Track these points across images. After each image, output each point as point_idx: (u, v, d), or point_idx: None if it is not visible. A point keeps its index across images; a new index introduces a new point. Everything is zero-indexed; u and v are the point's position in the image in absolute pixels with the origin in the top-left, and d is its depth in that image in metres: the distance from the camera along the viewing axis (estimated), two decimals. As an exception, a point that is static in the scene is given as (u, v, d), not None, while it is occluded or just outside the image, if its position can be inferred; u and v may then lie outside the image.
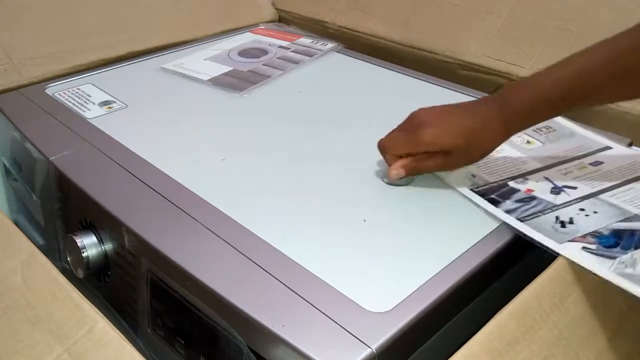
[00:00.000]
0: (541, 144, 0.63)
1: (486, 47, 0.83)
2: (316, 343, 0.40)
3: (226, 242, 0.49)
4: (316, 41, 0.94)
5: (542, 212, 0.51)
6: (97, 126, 0.67)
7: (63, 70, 0.81)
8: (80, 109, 0.71)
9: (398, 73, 0.83)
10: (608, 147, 0.62)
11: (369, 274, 0.46)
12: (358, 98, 0.76)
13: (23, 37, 0.80)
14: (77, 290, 0.43)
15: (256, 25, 1.02)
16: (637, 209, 0.51)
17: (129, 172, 0.58)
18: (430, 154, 0.55)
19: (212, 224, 0.51)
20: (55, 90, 0.76)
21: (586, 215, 0.50)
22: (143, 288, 0.51)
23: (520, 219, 0.50)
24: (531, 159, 0.60)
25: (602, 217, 0.50)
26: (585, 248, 0.46)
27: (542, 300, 0.43)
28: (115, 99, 0.74)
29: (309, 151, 0.64)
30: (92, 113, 0.70)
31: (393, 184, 0.57)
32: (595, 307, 0.46)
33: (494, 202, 0.53)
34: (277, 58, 0.88)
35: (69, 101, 0.73)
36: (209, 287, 0.44)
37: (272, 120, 0.70)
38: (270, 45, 0.93)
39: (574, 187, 0.54)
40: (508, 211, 0.51)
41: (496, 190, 0.55)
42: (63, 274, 0.45)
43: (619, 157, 0.60)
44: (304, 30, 1.01)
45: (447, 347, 0.41)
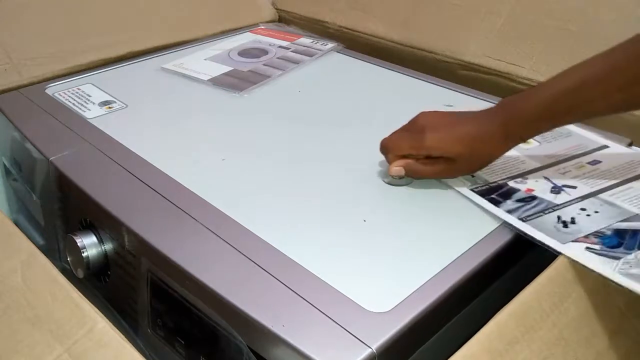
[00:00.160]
0: (538, 143, 0.63)
1: (486, 47, 0.83)
2: (316, 343, 0.40)
3: (226, 242, 0.49)
4: (316, 41, 0.94)
5: (543, 211, 0.51)
6: (97, 126, 0.67)
7: (63, 70, 0.81)
8: (80, 109, 0.71)
9: (398, 73, 0.83)
10: (605, 146, 0.62)
11: (369, 274, 0.46)
12: (358, 98, 0.76)
13: (23, 37, 0.80)
14: (77, 290, 0.43)
15: (256, 25, 1.03)
16: (637, 209, 0.51)
17: (129, 172, 0.58)
18: (432, 160, 0.55)
19: (212, 224, 0.51)
20: (55, 90, 0.76)
21: (587, 215, 0.50)
22: (143, 288, 0.51)
23: (522, 219, 0.50)
24: (529, 158, 0.60)
25: (603, 216, 0.50)
26: (588, 248, 0.46)
27: (542, 300, 0.43)
28: (115, 99, 0.74)
29: (309, 151, 0.64)
30: (92, 113, 0.70)
31: (393, 184, 0.57)
32: (595, 307, 0.46)
33: (495, 202, 0.53)
34: (277, 58, 0.88)
35: (69, 101, 0.73)
36: (209, 287, 0.44)
37: (272, 120, 0.70)
38: (270, 45, 0.93)
39: (573, 187, 0.55)
40: (509, 211, 0.52)
41: (496, 190, 0.55)
42: (63, 274, 0.45)
43: (616, 156, 0.60)
44: (304, 30, 1.01)
45: (447, 347, 0.41)
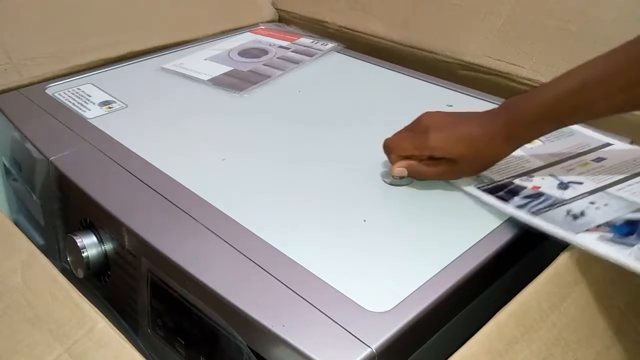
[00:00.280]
0: (541, 142, 0.63)
1: (486, 47, 0.83)
2: (316, 343, 0.40)
3: (226, 242, 0.49)
4: (316, 41, 0.94)
5: (552, 206, 0.51)
6: (97, 126, 0.67)
7: (63, 70, 0.81)
8: (80, 109, 0.71)
9: (398, 73, 0.83)
10: (608, 144, 0.62)
11: (369, 274, 0.46)
12: (358, 98, 0.76)
13: (23, 37, 0.80)
14: (77, 290, 0.43)
15: (256, 25, 1.03)
16: None
17: (129, 172, 0.58)
18: (435, 161, 0.55)
19: (212, 224, 0.51)
20: (55, 90, 0.76)
21: (597, 208, 0.51)
22: (143, 288, 0.51)
23: (532, 213, 0.50)
24: (534, 157, 0.60)
25: (613, 209, 0.50)
26: (601, 238, 0.46)
27: (542, 300, 0.43)
28: (115, 99, 0.74)
29: (309, 151, 0.64)
30: (92, 113, 0.70)
31: (394, 184, 0.57)
32: (595, 307, 0.46)
33: (502, 200, 0.53)
34: (277, 58, 0.88)
35: (69, 101, 0.73)
36: (209, 287, 0.44)
37: (272, 120, 0.70)
38: (270, 45, 0.93)
39: (580, 183, 0.55)
40: (518, 207, 0.52)
41: (502, 188, 0.55)
42: (63, 274, 0.45)
43: (621, 153, 0.60)
44: (304, 30, 1.01)
45: (447, 347, 0.41)
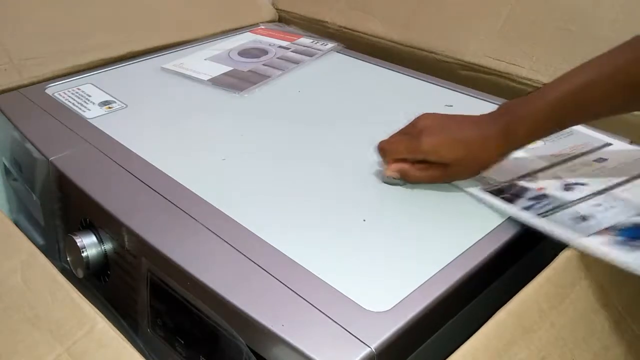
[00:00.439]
0: (543, 143, 0.63)
1: (486, 47, 0.83)
2: (316, 343, 0.40)
3: (226, 242, 0.49)
4: (316, 41, 0.94)
5: (558, 208, 0.51)
6: (97, 126, 0.67)
7: (63, 70, 0.81)
8: (80, 109, 0.71)
9: (398, 73, 0.83)
10: (609, 144, 0.62)
11: (369, 274, 0.46)
12: (358, 98, 0.76)
13: (23, 37, 0.80)
14: (77, 290, 0.43)
15: (256, 25, 1.03)
16: None
17: (129, 172, 0.58)
18: (428, 164, 0.54)
19: (212, 224, 0.51)
20: (55, 90, 0.77)
21: (603, 210, 0.50)
22: (143, 288, 0.51)
23: (539, 215, 0.50)
24: (536, 158, 0.60)
25: (619, 211, 0.50)
26: (606, 242, 0.46)
27: (541, 300, 0.43)
28: (115, 99, 0.74)
29: (309, 151, 0.64)
30: (92, 113, 0.70)
31: (389, 183, 0.57)
32: (593, 307, 0.46)
33: (508, 202, 0.53)
34: (277, 58, 0.88)
35: (69, 101, 0.73)
36: (209, 287, 0.44)
37: (272, 120, 0.70)
38: (270, 45, 0.93)
39: (584, 184, 0.55)
40: (524, 209, 0.51)
41: (508, 189, 0.55)
42: (63, 274, 0.45)
43: (621, 153, 0.60)
44: (304, 30, 1.01)
45: (446, 346, 0.41)
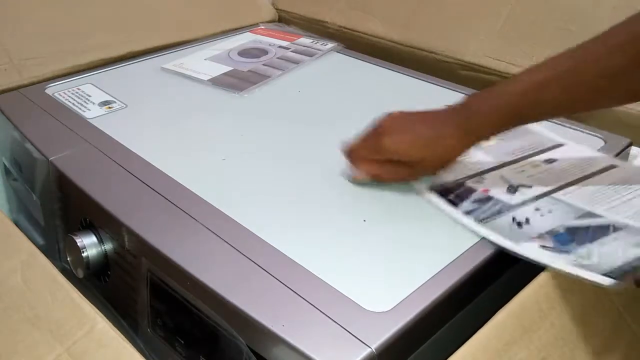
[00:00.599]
0: (495, 142, 0.62)
1: (486, 47, 0.83)
2: (316, 343, 0.40)
3: (226, 242, 0.49)
4: (316, 41, 0.94)
5: (499, 212, 0.51)
6: (97, 126, 0.67)
7: (63, 70, 0.82)
8: (80, 109, 0.71)
9: (398, 73, 0.83)
10: (560, 145, 0.62)
11: (369, 274, 0.46)
12: (358, 98, 0.76)
13: (23, 37, 0.80)
14: (77, 290, 0.43)
15: (256, 25, 1.03)
16: (589, 206, 0.51)
17: (129, 172, 0.58)
18: (394, 163, 0.54)
19: (212, 224, 0.51)
20: (55, 90, 0.77)
21: (541, 215, 0.51)
22: (143, 288, 0.51)
23: (479, 221, 0.50)
24: (487, 156, 0.60)
25: (556, 216, 0.50)
26: (543, 247, 0.47)
27: (541, 300, 0.43)
28: (115, 99, 0.74)
29: (309, 151, 0.64)
30: (92, 113, 0.70)
31: (356, 182, 0.57)
32: (593, 308, 0.46)
33: (453, 203, 0.53)
34: (277, 58, 0.88)
35: (69, 101, 0.73)
36: (209, 287, 0.44)
37: (272, 120, 0.70)
38: (270, 45, 0.93)
39: (528, 186, 0.54)
40: (467, 212, 0.52)
41: (454, 190, 0.55)
42: (63, 274, 0.45)
43: (571, 154, 0.60)
44: (304, 30, 1.01)
45: (446, 347, 0.41)
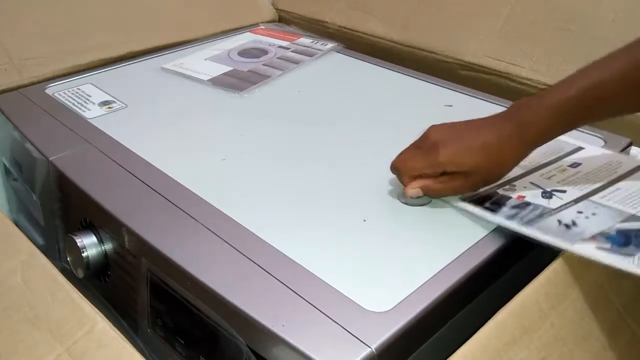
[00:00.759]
0: None
1: (486, 47, 0.83)
2: (316, 343, 0.40)
3: (226, 242, 0.49)
4: (316, 41, 0.94)
5: (541, 216, 0.51)
6: (97, 126, 0.67)
7: (63, 70, 0.82)
8: (80, 109, 0.71)
9: (398, 73, 0.83)
10: (581, 148, 0.62)
11: (369, 274, 0.46)
12: (358, 98, 0.76)
13: (23, 37, 0.80)
14: (77, 290, 0.43)
15: (256, 25, 1.03)
16: (631, 209, 0.51)
17: (129, 172, 0.58)
18: (449, 176, 0.52)
19: (212, 224, 0.51)
20: (55, 90, 0.77)
21: (586, 217, 0.50)
22: (143, 288, 0.51)
23: (525, 223, 0.50)
24: None
25: (601, 219, 0.50)
26: (600, 248, 0.46)
27: (541, 300, 0.43)
28: (115, 99, 0.74)
29: (308, 151, 0.64)
30: (92, 113, 0.70)
31: (410, 204, 0.54)
32: (593, 308, 0.46)
33: (490, 211, 0.52)
34: (277, 58, 0.88)
35: (69, 101, 0.73)
36: (209, 287, 0.44)
37: (272, 120, 0.70)
38: (270, 45, 0.93)
39: (563, 191, 0.54)
40: (508, 217, 0.51)
41: (488, 198, 0.54)
42: (63, 274, 0.45)
43: (594, 158, 0.60)
44: (304, 30, 1.01)
45: (446, 347, 0.41)
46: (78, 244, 0.55)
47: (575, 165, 0.59)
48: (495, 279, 0.51)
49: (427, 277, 0.45)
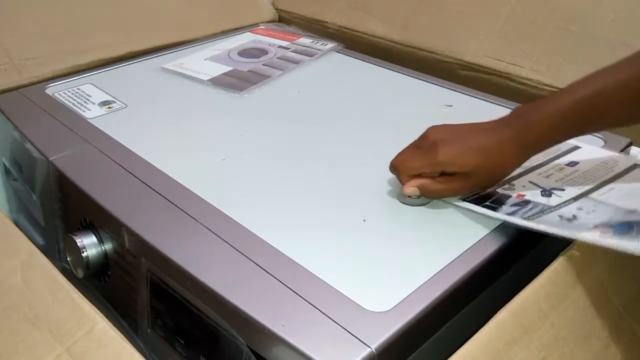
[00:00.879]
0: None
1: (486, 47, 0.83)
2: (316, 343, 0.40)
3: (226, 242, 0.49)
4: (316, 41, 0.94)
5: (542, 212, 0.51)
6: (97, 126, 0.67)
7: (63, 70, 0.82)
8: (80, 109, 0.71)
9: (398, 73, 0.83)
10: (577, 147, 0.62)
11: (369, 274, 0.46)
12: (358, 98, 0.76)
13: (23, 37, 0.80)
14: (77, 290, 0.43)
15: (256, 25, 1.03)
16: (630, 207, 0.51)
17: (129, 172, 0.58)
18: (448, 177, 0.52)
19: (212, 224, 0.51)
20: (55, 90, 0.77)
21: (587, 213, 0.50)
22: (143, 288, 0.51)
23: (526, 218, 0.50)
24: None
25: (602, 214, 0.50)
26: (604, 234, 0.45)
27: (541, 300, 0.43)
28: (115, 99, 0.74)
29: (308, 151, 0.64)
30: (92, 113, 0.70)
31: (409, 204, 0.54)
32: (593, 308, 0.46)
33: (492, 209, 0.52)
34: (277, 58, 0.88)
35: (69, 101, 0.73)
36: (209, 287, 0.44)
37: (272, 120, 0.70)
38: (270, 45, 0.93)
39: (562, 189, 0.54)
40: (509, 214, 0.51)
41: (488, 197, 0.54)
42: (63, 274, 0.45)
43: (591, 157, 0.60)
44: (304, 30, 1.01)
45: (446, 347, 0.41)
46: (78, 244, 0.55)
47: (573, 164, 0.59)
48: (495, 279, 0.51)
49: (427, 277, 0.45)
